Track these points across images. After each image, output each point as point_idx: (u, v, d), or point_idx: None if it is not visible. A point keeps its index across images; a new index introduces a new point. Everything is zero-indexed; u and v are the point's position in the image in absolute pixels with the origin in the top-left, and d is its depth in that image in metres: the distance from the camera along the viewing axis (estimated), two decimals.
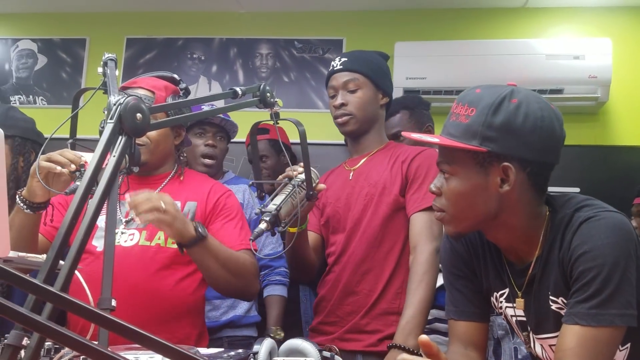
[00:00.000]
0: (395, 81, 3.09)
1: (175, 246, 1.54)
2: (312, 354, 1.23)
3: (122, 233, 1.59)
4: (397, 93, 3.10)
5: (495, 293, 1.28)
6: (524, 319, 1.23)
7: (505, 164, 1.11)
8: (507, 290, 1.25)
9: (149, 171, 1.69)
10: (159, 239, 1.59)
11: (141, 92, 1.59)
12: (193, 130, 2.31)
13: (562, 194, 1.21)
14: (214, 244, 1.49)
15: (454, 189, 1.16)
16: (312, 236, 1.81)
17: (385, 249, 1.72)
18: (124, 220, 1.62)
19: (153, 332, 1.72)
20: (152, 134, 1.61)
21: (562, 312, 1.12)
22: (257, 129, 1.52)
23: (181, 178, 1.73)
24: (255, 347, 1.23)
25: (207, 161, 2.29)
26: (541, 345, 1.22)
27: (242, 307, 2.25)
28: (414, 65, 3.10)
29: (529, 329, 1.23)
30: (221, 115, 2.30)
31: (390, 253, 1.71)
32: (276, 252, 2.28)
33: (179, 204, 1.63)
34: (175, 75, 1.71)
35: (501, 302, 1.27)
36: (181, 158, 1.79)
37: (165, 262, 1.58)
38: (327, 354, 1.31)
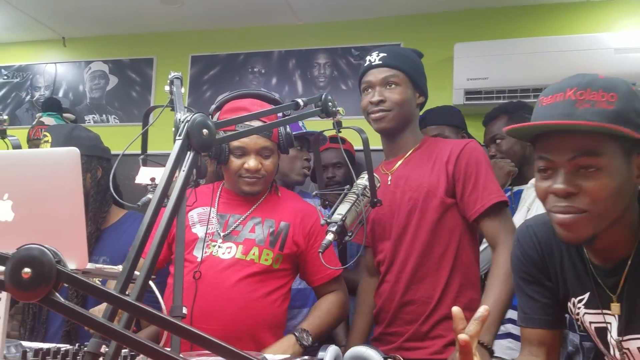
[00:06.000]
0: (456, 82, 3.05)
1: (267, 262, 1.67)
2: None
3: (219, 247, 1.67)
4: (458, 95, 3.06)
5: (573, 299, 1.23)
6: (604, 325, 1.17)
7: None
8: (586, 296, 1.19)
9: None
10: (254, 254, 1.67)
11: (258, 123, 1.60)
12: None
13: None
14: (320, 331, 1.69)
15: (605, 185, 1.01)
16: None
17: (437, 254, 1.66)
18: (222, 234, 1.69)
19: (245, 341, 1.77)
20: (269, 166, 1.71)
21: None
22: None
23: (278, 194, 1.83)
24: (320, 354, 1.24)
25: (306, 172, 2.39)
26: (627, 350, 1.15)
27: None
28: (475, 66, 3.04)
29: (608, 331, 1.17)
30: (304, 129, 2.37)
31: (443, 258, 1.65)
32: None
33: (273, 221, 1.73)
34: (277, 96, 1.75)
35: (579, 307, 1.21)
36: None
37: (258, 276, 1.66)
38: None
